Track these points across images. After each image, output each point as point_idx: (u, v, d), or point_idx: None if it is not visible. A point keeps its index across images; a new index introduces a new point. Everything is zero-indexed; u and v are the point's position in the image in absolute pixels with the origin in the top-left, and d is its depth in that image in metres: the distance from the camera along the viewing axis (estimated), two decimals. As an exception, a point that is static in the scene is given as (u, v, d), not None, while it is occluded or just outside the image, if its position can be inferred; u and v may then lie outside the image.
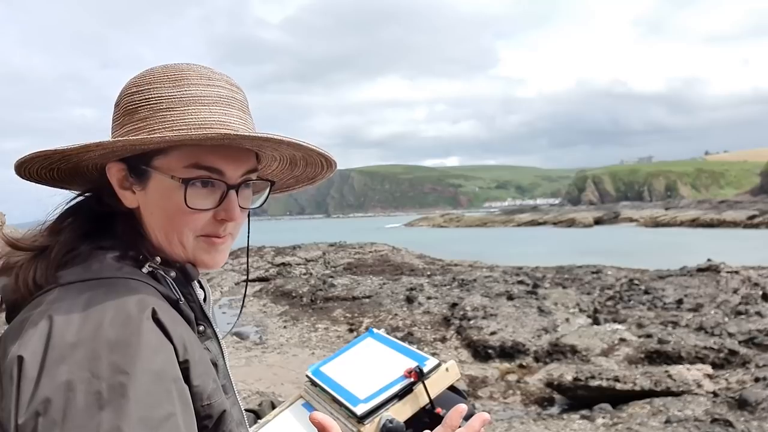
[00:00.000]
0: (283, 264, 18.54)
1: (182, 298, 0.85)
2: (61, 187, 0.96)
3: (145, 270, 0.84)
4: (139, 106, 0.89)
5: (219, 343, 0.91)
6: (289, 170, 1.08)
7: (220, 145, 0.88)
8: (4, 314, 0.87)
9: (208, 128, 0.86)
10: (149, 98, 0.89)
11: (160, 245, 0.91)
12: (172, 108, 0.88)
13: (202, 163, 0.88)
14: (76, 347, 0.70)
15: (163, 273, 0.87)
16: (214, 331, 0.90)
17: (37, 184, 0.93)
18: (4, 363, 0.73)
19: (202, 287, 0.98)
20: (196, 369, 0.78)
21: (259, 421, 1.27)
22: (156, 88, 0.89)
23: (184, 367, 0.77)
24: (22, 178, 0.92)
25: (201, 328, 0.87)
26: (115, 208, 0.92)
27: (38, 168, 0.90)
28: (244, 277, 17.13)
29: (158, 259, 0.88)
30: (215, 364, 0.86)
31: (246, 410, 1.14)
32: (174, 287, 0.86)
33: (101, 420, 0.66)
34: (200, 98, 0.89)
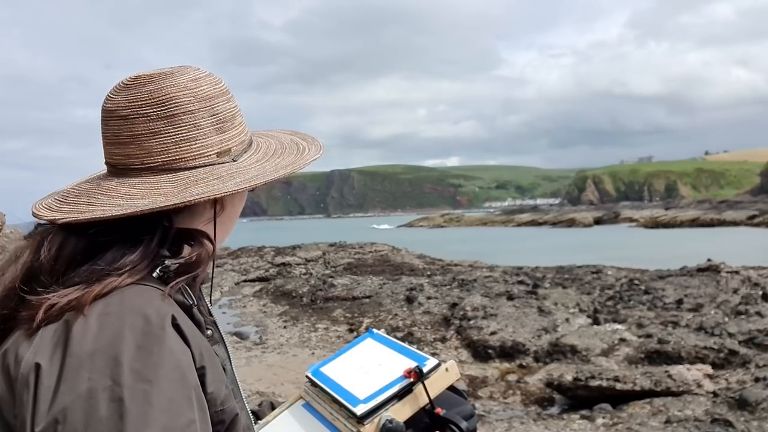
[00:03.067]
0: (283, 264, 18.53)
1: (195, 303, 0.85)
2: None
3: (155, 275, 0.82)
4: (233, 115, 0.93)
5: (226, 347, 0.91)
6: None
7: None
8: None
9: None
10: (235, 107, 0.94)
11: (215, 245, 0.91)
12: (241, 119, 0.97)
13: None
14: (96, 354, 0.70)
15: (175, 277, 0.84)
16: (221, 335, 0.90)
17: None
18: (18, 370, 0.72)
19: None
20: (211, 375, 0.78)
21: (259, 422, 1.27)
22: (230, 97, 0.94)
23: (201, 374, 0.77)
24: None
25: (209, 332, 0.87)
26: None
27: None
28: (244, 278, 17.16)
29: (175, 263, 0.84)
30: (224, 369, 0.86)
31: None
32: (188, 292, 0.85)
33: (125, 428, 0.66)
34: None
